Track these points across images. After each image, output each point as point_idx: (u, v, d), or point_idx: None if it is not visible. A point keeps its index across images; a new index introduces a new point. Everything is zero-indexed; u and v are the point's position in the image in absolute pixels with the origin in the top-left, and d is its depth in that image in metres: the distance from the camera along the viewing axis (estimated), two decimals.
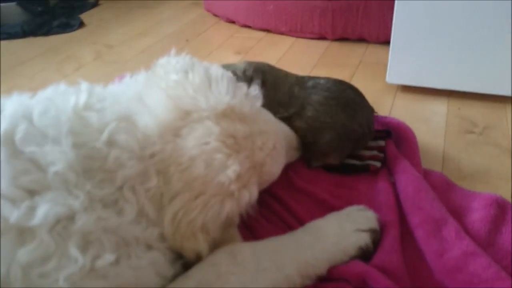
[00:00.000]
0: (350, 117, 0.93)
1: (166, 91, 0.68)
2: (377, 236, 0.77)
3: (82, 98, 0.64)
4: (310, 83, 0.98)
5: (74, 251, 0.51)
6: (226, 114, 0.69)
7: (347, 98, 0.95)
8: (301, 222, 0.82)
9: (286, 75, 1.02)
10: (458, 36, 1.17)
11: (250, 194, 0.69)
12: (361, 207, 0.81)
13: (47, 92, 0.66)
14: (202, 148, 0.65)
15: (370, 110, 0.99)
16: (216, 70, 0.75)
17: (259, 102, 0.77)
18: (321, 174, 0.97)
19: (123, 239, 0.56)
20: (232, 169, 0.65)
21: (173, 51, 0.79)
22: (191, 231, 0.63)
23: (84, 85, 0.67)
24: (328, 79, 0.99)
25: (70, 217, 0.52)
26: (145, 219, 0.60)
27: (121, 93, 0.71)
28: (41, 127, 0.57)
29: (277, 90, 0.98)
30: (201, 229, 0.64)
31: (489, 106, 1.22)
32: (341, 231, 0.75)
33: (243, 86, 0.77)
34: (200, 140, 0.65)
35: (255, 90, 0.77)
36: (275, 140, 0.78)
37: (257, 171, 0.72)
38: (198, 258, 0.66)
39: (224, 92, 0.71)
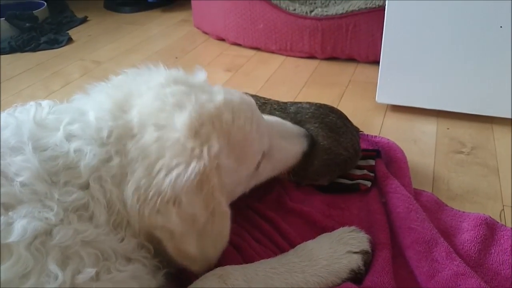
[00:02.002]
0: (335, 142, 0.93)
1: (109, 84, 0.72)
2: (369, 258, 0.76)
3: (43, 110, 0.64)
4: (292, 109, 0.99)
5: (53, 267, 0.49)
6: (164, 84, 0.69)
7: (330, 123, 0.95)
8: (292, 244, 0.80)
9: (265, 103, 1.02)
10: (447, 57, 1.19)
11: (212, 148, 0.64)
12: (352, 228, 0.80)
13: (10, 110, 0.66)
14: (147, 113, 0.64)
15: (354, 131, 0.99)
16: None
17: (203, 77, 0.76)
18: (313, 194, 0.96)
19: (102, 252, 0.54)
20: (181, 121, 0.63)
21: None
22: (161, 202, 0.59)
23: (45, 102, 0.68)
24: (310, 104, 1.00)
25: (48, 232, 0.51)
26: (120, 227, 0.59)
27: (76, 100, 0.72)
28: (3, 140, 0.58)
29: None
30: (172, 200, 0.59)
31: (476, 126, 1.23)
32: (333, 253, 0.74)
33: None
34: (142, 108, 0.65)
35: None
36: (231, 97, 0.73)
37: (216, 127, 0.67)
38: (178, 255, 0.63)
39: (163, 70, 0.72)
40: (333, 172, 0.95)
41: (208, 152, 0.63)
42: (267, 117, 0.87)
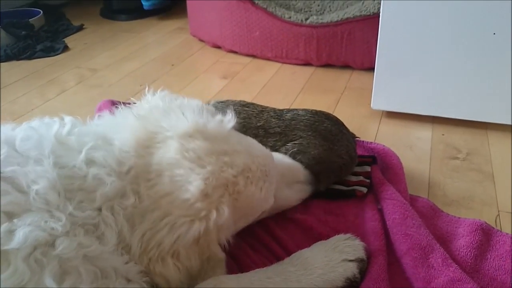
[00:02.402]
0: (328, 151, 0.94)
1: (135, 114, 0.71)
2: (364, 266, 0.76)
3: (65, 127, 0.65)
4: (288, 115, 0.99)
5: (49, 281, 0.49)
6: (190, 134, 0.69)
7: (324, 130, 0.96)
8: (288, 252, 0.80)
9: (262, 111, 1.02)
10: (441, 64, 1.19)
11: (219, 214, 0.65)
12: (348, 236, 0.80)
13: (31, 123, 0.66)
14: (166, 163, 0.65)
15: (350, 138, 0.99)
16: (187, 101, 0.77)
17: (230, 124, 0.75)
18: (309, 200, 0.95)
19: (102, 270, 0.54)
20: (195, 184, 0.63)
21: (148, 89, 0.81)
22: (160, 254, 0.61)
23: (68, 118, 0.69)
24: (306, 111, 1.00)
25: (50, 242, 0.51)
26: (127, 253, 0.60)
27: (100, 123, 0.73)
28: (23, 151, 0.58)
29: (247, 129, 0.97)
30: (170, 252, 0.62)
31: (471, 132, 1.24)
32: (328, 261, 0.74)
33: (215, 112, 0.77)
34: (163, 156, 0.65)
35: (229, 115, 0.76)
36: (251, 161, 0.73)
37: (229, 192, 0.68)
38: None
39: (190, 115, 0.71)
40: (327, 179, 0.95)
41: (216, 217, 0.64)
42: (278, 157, 0.88)
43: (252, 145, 0.80)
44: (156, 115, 0.71)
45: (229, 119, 0.75)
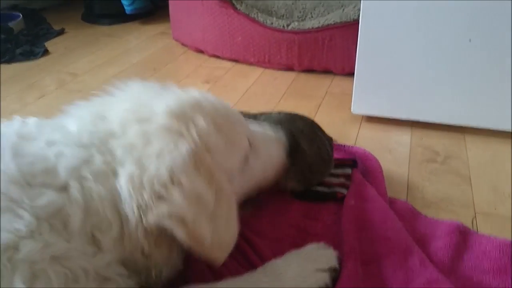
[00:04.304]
0: (296, 146, 0.93)
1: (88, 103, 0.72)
2: (337, 275, 0.75)
3: (27, 125, 0.64)
4: (262, 118, 0.99)
5: (20, 285, 0.47)
6: (139, 92, 0.71)
7: (296, 129, 0.95)
8: (262, 259, 0.79)
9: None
10: (420, 70, 1.22)
11: (197, 126, 0.63)
12: (321, 245, 0.79)
13: None
14: (125, 112, 0.65)
15: (325, 141, 0.99)
16: None
17: None
18: (289, 204, 0.96)
19: (71, 271, 0.51)
20: (161, 109, 0.64)
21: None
22: (160, 185, 0.57)
23: (31, 119, 0.67)
24: (280, 113, 1.00)
25: (15, 245, 0.48)
26: (98, 231, 0.55)
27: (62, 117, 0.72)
28: None
29: None
30: (170, 180, 0.57)
31: (449, 136, 1.26)
32: (301, 271, 0.73)
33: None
34: (121, 108, 0.66)
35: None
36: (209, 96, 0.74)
37: (198, 111, 0.67)
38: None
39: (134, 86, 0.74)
40: (297, 174, 0.94)
41: (195, 130, 0.63)
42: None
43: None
44: (108, 95, 0.72)
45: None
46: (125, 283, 0.58)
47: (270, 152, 0.86)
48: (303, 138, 0.95)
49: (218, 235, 0.61)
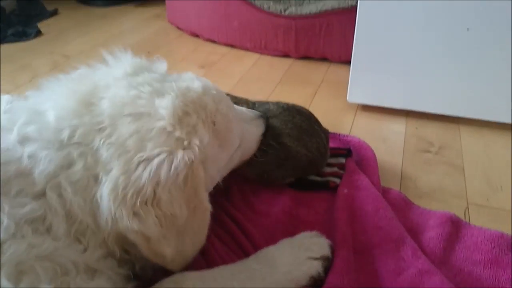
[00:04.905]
0: (297, 140, 0.93)
1: (69, 78, 0.65)
2: (329, 263, 0.75)
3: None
4: (260, 109, 0.98)
5: (5, 283, 0.45)
6: (132, 72, 0.64)
7: (295, 125, 0.95)
8: (256, 247, 0.79)
9: (236, 103, 1.01)
10: (416, 59, 1.21)
11: (201, 138, 0.58)
12: (314, 233, 0.80)
13: None
14: (120, 104, 0.57)
15: (322, 134, 0.98)
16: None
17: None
18: (281, 191, 0.96)
19: (61, 266, 0.50)
20: (163, 107, 0.57)
21: None
22: (140, 202, 0.53)
23: (4, 96, 0.63)
24: (278, 105, 0.99)
25: None
26: (82, 236, 0.54)
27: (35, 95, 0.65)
28: None
29: None
30: (150, 199, 0.53)
31: (444, 126, 1.26)
32: (294, 259, 0.73)
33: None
34: (112, 100, 0.57)
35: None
36: (206, 84, 0.68)
37: (202, 115, 0.62)
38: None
39: (124, 59, 0.68)
40: (295, 173, 0.96)
41: (198, 144, 0.58)
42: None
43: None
44: (92, 70, 0.66)
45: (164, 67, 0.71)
46: (116, 273, 0.57)
47: (252, 136, 0.86)
48: (303, 133, 0.95)
49: (182, 248, 0.61)
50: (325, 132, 1.00)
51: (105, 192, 0.53)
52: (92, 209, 0.54)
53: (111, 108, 0.57)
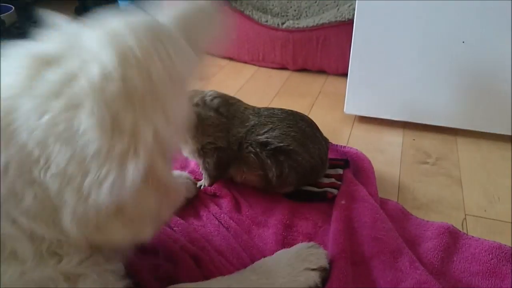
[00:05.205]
0: (301, 145, 0.93)
1: None
2: (327, 274, 0.75)
3: None
4: (266, 113, 0.99)
5: None
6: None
7: (299, 129, 0.95)
8: (252, 257, 0.79)
9: (246, 108, 1.02)
10: (413, 71, 1.22)
11: (144, 143, 0.48)
12: (311, 244, 0.79)
13: None
14: (38, 128, 0.47)
15: (323, 142, 0.99)
16: None
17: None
18: (278, 203, 0.96)
19: (38, 283, 0.47)
20: (86, 125, 0.46)
21: None
22: (103, 217, 0.49)
23: None
24: (282, 110, 1.00)
25: None
26: (58, 248, 0.51)
27: None
28: None
29: (235, 123, 0.97)
30: (115, 211, 0.49)
31: (441, 138, 1.27)
32: (291, 270, 0.72)
33: None
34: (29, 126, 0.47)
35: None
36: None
37: (138, 108, 0.49)
38: None
39: None
40: (298, 180, 0.95)
41: (146, 144, 0.49)
42: None
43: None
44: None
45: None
46: (104, 270, 0.55)
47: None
48: (307, 138, 0.95)
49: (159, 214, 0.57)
50: (326, 140, 1.01)
51: (68, 225, 0.50)
52: (59, 227, 0.50)
53: (32, 139, 0.48)
